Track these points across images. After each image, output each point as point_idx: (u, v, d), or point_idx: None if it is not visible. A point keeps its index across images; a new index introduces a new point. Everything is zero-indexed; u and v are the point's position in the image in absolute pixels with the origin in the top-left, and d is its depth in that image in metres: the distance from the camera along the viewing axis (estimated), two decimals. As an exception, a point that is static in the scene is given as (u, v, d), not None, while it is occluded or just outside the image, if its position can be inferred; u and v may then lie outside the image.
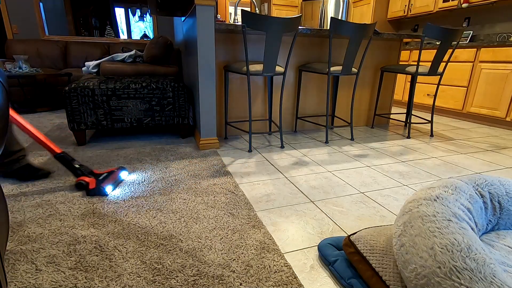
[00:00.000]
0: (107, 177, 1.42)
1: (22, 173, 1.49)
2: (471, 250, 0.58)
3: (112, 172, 1.48)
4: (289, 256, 0.97)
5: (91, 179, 1.37)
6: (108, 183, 1.38)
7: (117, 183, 1.46)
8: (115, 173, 1.47)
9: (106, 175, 1.44)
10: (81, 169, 1.42)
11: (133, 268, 0.89)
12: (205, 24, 1.81)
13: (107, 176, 1.43)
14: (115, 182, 1.43)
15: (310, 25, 4.57)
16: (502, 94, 2.94)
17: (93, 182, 1.36)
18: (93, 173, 1.45)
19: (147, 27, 5.96)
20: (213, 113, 2.02)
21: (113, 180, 1.42)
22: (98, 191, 1.34)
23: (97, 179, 1.39)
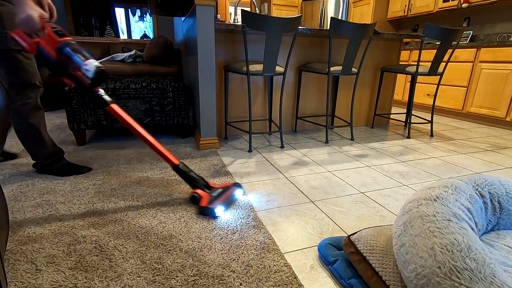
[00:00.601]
0: (221, 194, 1.28)
1: (64, 171, 1.55)
2: (471, 250, 0.58)
3: (227, 188, 1.33)
4: (289, 256, 0.97)
5: (205, 194, 1.25)
6: (220, 203, 1.22)
7: (230, 203, 1.29)
8: (230, 190, 1.32)
9: (221, 192, 1.29)
10: (197, 181, 1.29)
11: (133, 268, 0.89)
12: (205, 24, 1.82)
13: (221, 193, 1.28)
14: (228, 201, 1.27)
15: (310, 25, 4.57)
16: (502, 94, 2.94)
17: (206, 198, 1.23)
18: (208, 186, 1.32)
19: (147, 27, 5.96)
20: (213, 113, 2.02)
21: (226, 199, 1.26)
22: (207, 212, 1.18)
23: (211, 194, 1.26)
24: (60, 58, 1.14)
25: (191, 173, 1.29)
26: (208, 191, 1.28)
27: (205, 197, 1.23)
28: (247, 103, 2.44)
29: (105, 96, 1.22)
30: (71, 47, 1.14)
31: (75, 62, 1.14)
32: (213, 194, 1.26)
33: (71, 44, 1.15)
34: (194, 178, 1.29)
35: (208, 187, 1.31)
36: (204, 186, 1.30)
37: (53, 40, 1.13)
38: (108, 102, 1.21)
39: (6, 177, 1.51)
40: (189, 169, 1.30)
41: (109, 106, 1.20)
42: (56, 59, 1.14)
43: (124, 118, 1.22)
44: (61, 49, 1.13)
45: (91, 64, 1.13)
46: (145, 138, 1.24)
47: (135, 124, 1.24)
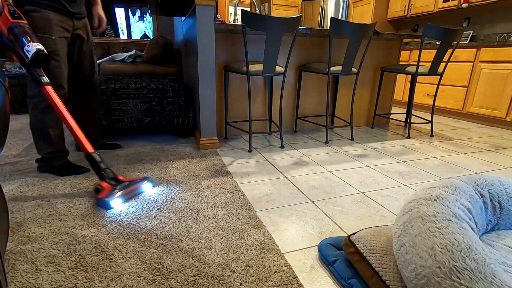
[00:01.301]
0: (125, 187, 1.30)
1: (61, 170, 1.58)
2: (471, 250, 0.58)
3: (135, 182, 1.36)
4: (289, 256, 0.97)
5: (107, 186, 1.27)
6: (120, 195, 1.26)
7: (132, 196, 1.33)
8: (136, 184, 1.35)
9: (126, 185, 1.32)
10: (106, 172, 1.32)
11: (133, 268, 0.89)
12: (205, 24, 1.82)
13: (126, 186, 1.31)
14: (130, 194, 1.32)
15: (310, 25, 4.57)
16: (502, 94, 2.94)
17: (107, 190, 1.26)
18: (116, 179, 1.34)
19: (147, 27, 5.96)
20: (213, 113, 2.02)
21: (129, 192, 1.31)
22: (101, 204, 1.23)
23: (114, 187, 1.28)
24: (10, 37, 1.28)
25: (101, 164, 1.33)
26: (114, 183, 1.31)
27: (106, 189, 1.26)
28: (247, 103, 2.44)
29: (43, 77, 1.32)
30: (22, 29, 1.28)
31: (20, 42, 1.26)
32: (116, 187, 1.28)
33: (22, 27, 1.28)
34: (102, 169, 1.32)
35: (116, 180, 1.34)
36: (112, 179, 1.32)
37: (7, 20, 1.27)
38: (43, 83, 1.32)
39: (6, 177, 1.51)
40: (101, 160, 1.34)
41: (43, 87, 1.32)
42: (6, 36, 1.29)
43: (55, 101, 1.32)
44: (11, 29, 1.27)
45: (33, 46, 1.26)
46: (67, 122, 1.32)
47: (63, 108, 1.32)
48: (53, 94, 1.32)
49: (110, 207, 1.23)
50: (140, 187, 1.36)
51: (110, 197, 1.23)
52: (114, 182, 1.32)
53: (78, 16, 1.56)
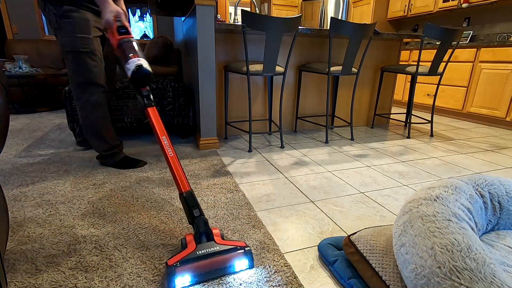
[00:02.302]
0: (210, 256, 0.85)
1: (123, 164, 1.67)
2: (471, 250, 0.58)
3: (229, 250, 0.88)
4: (289, 256, 0.97)
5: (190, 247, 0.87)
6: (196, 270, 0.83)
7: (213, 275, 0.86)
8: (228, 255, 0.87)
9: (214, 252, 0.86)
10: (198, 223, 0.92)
11: (133, 268, 0.89)
12: (205, 24, 1.81)
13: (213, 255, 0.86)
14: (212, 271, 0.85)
15: (310, 25, 4.57)
16: (502, 94, 2.94)
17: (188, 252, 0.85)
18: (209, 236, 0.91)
19: (147, 27, 5.95)
20: (213, 113, 2.02)
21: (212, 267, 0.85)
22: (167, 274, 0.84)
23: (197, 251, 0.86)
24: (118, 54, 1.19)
25: (194, 210, 0.95)
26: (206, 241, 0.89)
27: (187, 250, 0.86)
28: (247, 103, 2.44)
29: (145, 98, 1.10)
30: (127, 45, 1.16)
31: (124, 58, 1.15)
32: (199, 251, 0.86)
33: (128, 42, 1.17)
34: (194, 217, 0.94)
35: (208, 236, 0.91)
36: (204, 234, 0.91)
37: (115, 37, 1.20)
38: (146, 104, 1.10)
39: (6, 177, 1.51)
40: (195, 204, 0.97)
41: (145, 109, 1.10)
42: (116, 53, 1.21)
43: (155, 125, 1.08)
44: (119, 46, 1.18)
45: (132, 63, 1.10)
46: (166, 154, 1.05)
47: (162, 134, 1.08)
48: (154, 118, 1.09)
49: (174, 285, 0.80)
50: (232, 262, 0.88)
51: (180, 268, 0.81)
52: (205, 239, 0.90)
53: None
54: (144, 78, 1.10)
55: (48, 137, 2.26)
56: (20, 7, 4.10)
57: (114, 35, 1.20)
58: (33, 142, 2.11)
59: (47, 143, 2.10)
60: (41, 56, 3.94)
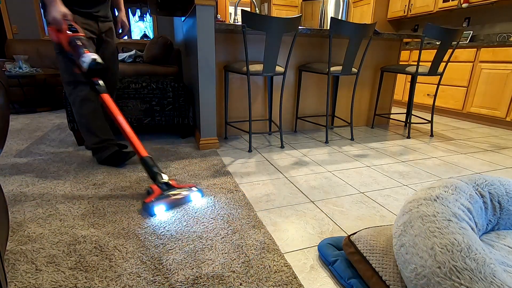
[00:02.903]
0: (173, 194, 1.25)
1: (113, 160, 1.69)
2: (471, 250, 0.58)
3: (183, 189, 1.30)
4: (289, 256, 0.97)
5: (157, 191, 1.24)
6: (166, 202, 1.21)
7: (178, 204, 1.27)
8: (185, 192, 1.29)
9: (175, 192, 1.27)
10: (157, 177, 1.29)
11: (133, 268, 0.89)
12: (205, 24, 1.82)
13: (175, 193, 1.26)
14: (176, 202, 1.25)
15: (310, 25, 4.57)
16: (502, 94, 2.94)
17: (156, 194, 1.22)
18: (168, 184, 1.29)
19: (147, 27, 5.95)
20: (213, 113, 2.02)
21: (176, 200, 1.25)
22: (145, 208, 1.19)
23: (163, 193, 1.24)
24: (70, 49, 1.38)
25: (154, 168, 1.31)
26: (166, 188, 1.27)
27: (155, 193, 1.23)
28: (247, 103, 2.44)
29: (99, 86, 1.39)
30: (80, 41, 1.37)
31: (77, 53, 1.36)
32: (166, 192, 1.24)
33: (79, 39, 1.38)
34: (155, 173, 1.29)
35: (167, 185, 1.29)
36: (164, 184, 1.28)
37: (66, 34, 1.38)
38: (100, 91, 1.39)
39: (6, 177, 1.51)
40: (154, 164, 1.33)
41: (100, 95, 1.38)
42: (68, 50, 1.39)
43: (111, 108, 1.37)
44: (70, 42, 1.37)
45: (88, 56, 1.33)
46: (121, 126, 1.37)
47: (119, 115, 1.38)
48: (110, 103, 1.38)
49: (153, 213, 1.18)
50: (189, 195, 1.29)
51: (155, 202, 1.18)
52: (165, 187, 1.27)
53: (103, 19, 1.66)
54: (100, 70, 1.36)
55: (48, 137, 2.26)
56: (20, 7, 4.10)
57: (64, 33, 1.37)
58: (33, 142, 2.11)
59: (47, 143, 2.10)
60: (41, 56, 3.94)
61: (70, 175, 1.56)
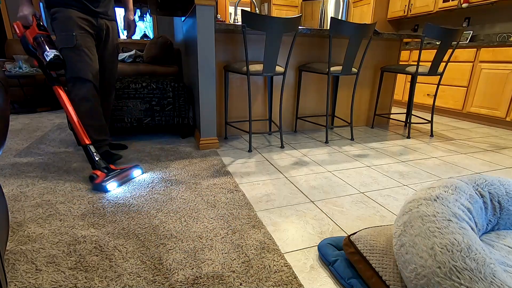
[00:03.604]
0: (118, 174, 1.45)
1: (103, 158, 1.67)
2: (471, 250, 0.58)
3: (126, 169, 1.51)
4: (289, 256, 0.97)
5: (101, 174, 1.42)
6: (115, 180, 1.40)
7: (125, 181, 1.47)
8: (128, 171, 1.51)
9: (119, 172, 1.47)
10: (98, 163, 1.47)
11: (133, 268, 0.89)
12: (205, 24, 1.81)
13: (119, 173, 1.46)
14: (123, 179, 1.46)
15: (310, 25, 4.57)
16: (502, 94, 2.94)
17: (102, 177, 1.40)
18: (108, 168, 1.48)
19: (147, 27, 5.95)
20: (213, 113, 2.02)
21: (122, 178, 1.45)
22: (99, 187, 1.37)
23: (107, 174, 1.42)
24: (34, 44, 1.51)
25: (94, 155, 1.48)
26: (106, 171, 1.45)
27: (100, 176, 1.41)
28: (247, 103, 2.44)
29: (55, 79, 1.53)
30: (44, 39, 1.50)
31: (41, 48, 1.48)
32: (109, 174, 1.44)
33: (43, 37, 1.50)
34: (95, 160, 1.47)
35: (108, 169, 1.48)
36: (104, 168, 1.47)
37: (34, 31, 1.51)
38: (55, 83, 1.52)
39: (6, 177, 1.51)
40: (95, 152, 1.50)
41: (54, 86, 1.51)
42: (31, 44, 1.51)
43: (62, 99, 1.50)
44: (36, 38, 1.49)
45: (51, 52, 1.47)
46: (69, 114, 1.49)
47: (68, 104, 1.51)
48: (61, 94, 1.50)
49: (107, 190, 1.38)
50: (131, 173, 1.52)
51: (106, 182, 1.37)
52: (106, 171, 1.45)
53: (102, 16, 1.65)
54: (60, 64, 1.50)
55: (48, 137, 2.26)
56: (20, 7, 4.10)
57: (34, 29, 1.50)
58: (33, 142, 2.11)
59: (47, 143, 2.10)
60: (41, 56, 3.93)
61: (70, 175, 1.56)
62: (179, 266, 0.90)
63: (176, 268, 0.89)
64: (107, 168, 1.48)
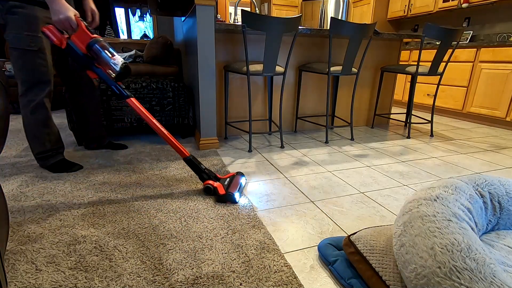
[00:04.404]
0: (230, 182, 1.38)
1: (55, 167, 1.59)
2: (471, 250, 0.58)
3: (233, 177, 1.45)
4: (289, 256, 0.97)
5: (218, 184, 1.34)
6: (235, 190, 1.32)
7: (240, 190, 1.39)
8: (236, 178, 1.43)
9: (229, 180, 1.40)
10: (207, 173, 1.39)
11: (133, 268, 0.89)
12: (205, 24, 1.81)
13: (230, 181, 1.39)
14: (239, 188, 1.37)
15: (310, 25, 4.58)
16: (502, 94, 2.94)
17: (221, 187, 1.32)
18: (217, 177, 1.42)
19: (147, 27, 5.95)
20: (213, 113, 2.02)
21: (237, 186, 1.36)
22: (228, 198, 1.29)
23: (223, 184, 1.36)
24: (89, 53, 1.28)
25: (201, 166, 1.40)
26: (219, 181, 1.38)
27: (219, 186, 1.33)
28: (247, 103, 2.44)
29: (125, 90, 1.34)
30: (100, 44, 1.27)
31: (103, 57, 1.27)
32: (224, 183, 1.37)
33: (100, 41, 1.27)
34: (203, 170, 1.39)
35: (217, 178, 1.41)
36: (214, 178, 1.40)
37: (86, 36, 1.27)
38: (129, 95, 1.34)
39: (6, 177, 1.51)
40: (199, 162, 1.40)
41: (129, 99, 1.33)
42: (85, 53, 1.28)
43: (142, 111, 1.33)
44: (91, 45, 1.26)
45: (118, 60, 1.27)
46: (161, 131, 1.35)
47: (151, 118, 1.35)
48: (138, 105, 1.33)
49: (236, 200, 1.30)
50: (240, 181, 1.42)
51: (231, 191, 1.30)
52: (218, 181, 1.39)
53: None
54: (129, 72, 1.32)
55: (48, 137, 2.25)
56: (20, 7, 4.09)
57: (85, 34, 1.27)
58: (33, 142, 2.11)
59: (47, 143, 2.10)
60: (41, 56, 3.93)
61: (70, 175, 1.56)
62: (179, 266, 0.90)
63: (176, 268, 0.89)
64: (216, 178, 1.41)
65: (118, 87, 1.32)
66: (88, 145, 1.96)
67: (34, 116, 1.48)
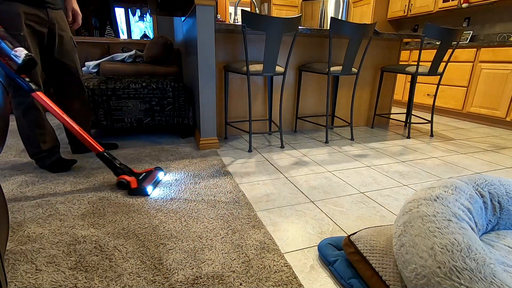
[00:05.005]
0: (146, 177, 1.43)
1: (54, 167, 1.59)
2: (471, 250, 0.58)
3: (150, 172, 1.49)
4: (289, 256, 0.97)
5: (132, 179, 1.38)
6: (149, 183, 1.38)
7: (155, 184, 1.45)
8: (153, 173, 1.48)
9: (145, 175, 1.45)
10: (121, 168, 1.41)
11: (133, 268, 0.89)
12: (205, 24, 1.81)
13: (146, 176, 1.44)
14: (154, 182, 1.43)
15: (310, 25, 4.58)
16: (502, 94, 2.94)
17: (134, 181, 1.36)
18: (133, 172, 1.45)
19: (147, 27, 5.96)
20: (213, 113, 2.02)
21: (152, 180, 1.42)
22: (140, 191, 1.34)
23: (138, 178, 1.40)
24: None
25: (115, 161, 1.41)
26: (133, 176, 1.40)
27: (132, 181, 1.36)
28: (247, 103, 2.44)
29: (31, 83, 1.30)
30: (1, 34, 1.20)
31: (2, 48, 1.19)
32: (139, 178, 1.40)
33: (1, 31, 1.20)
34: (117, 166, 1.40)
35: (132, 173, 1.44)
36: (129, 172, 1.42)
37: None
38: (34, 89, 1.31)
39: (6, 177, 1.51)
40: (113, 157, 1.42)
41: (35, 93, 1.31)
42: None
43: (49, 104, 1.32)
44: None
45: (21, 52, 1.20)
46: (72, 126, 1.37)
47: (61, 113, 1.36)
48: (46, 100, 1.31)
49: (147, 193, 1.34)
50: (157, 175, 1.48)
51: (143, 185, 1.35)
52: (133, 175, 1.41)
53: (52, 6, 1.43)
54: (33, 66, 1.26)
55: (48, 137, 2.25)
56: (20, 7, 4.09)
57: None
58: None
59: (47, 143, 2.10)
60: (41, 56, 3.92)
61: (70, 175, 1.56)
62: (179, 266, 0.90)
63: (176, 268, 0.89)
64: (132, 173, 1.44)
65: (21, 80, 1.27)
66: (76, 148, 1.86)
67: (25, 118, 1.47)
